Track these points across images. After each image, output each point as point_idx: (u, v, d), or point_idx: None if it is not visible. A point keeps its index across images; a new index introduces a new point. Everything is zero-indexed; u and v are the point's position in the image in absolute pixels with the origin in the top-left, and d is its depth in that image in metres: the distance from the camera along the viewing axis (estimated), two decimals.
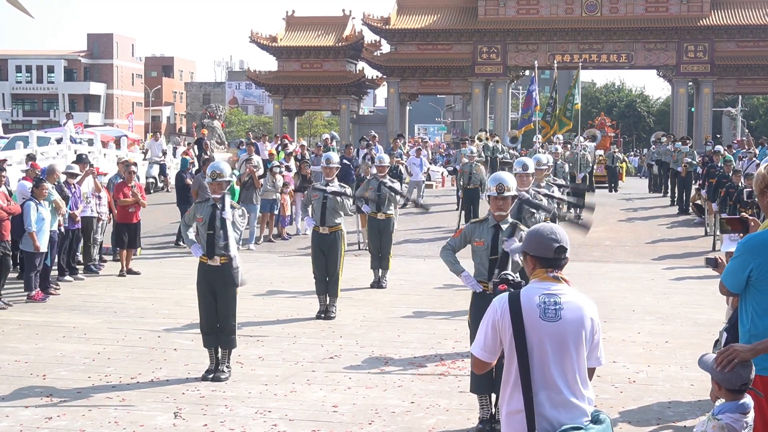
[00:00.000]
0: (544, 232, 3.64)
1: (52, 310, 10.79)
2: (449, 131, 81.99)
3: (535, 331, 3.51)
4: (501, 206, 6.65)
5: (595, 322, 3.65)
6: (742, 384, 3.69)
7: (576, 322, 3.57)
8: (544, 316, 3.52)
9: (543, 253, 3.61)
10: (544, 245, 3.62)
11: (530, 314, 3.52)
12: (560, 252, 3.61)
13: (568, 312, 3.56)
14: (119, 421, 6.45)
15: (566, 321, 3.54)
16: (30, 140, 22.91)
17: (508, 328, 3.53)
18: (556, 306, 3.54)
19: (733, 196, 14.56)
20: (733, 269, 4.28)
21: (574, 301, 3.60)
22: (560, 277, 3.62)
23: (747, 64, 41.22)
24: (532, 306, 3.54)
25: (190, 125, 53.28)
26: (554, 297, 3.56)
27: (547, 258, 3.62)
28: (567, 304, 3.56)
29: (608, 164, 29.22)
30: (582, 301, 3.63)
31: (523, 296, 3.56)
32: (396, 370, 7.96)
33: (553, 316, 3.53)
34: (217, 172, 7.77)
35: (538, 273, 3.63)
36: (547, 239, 3.61)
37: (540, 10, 42.95)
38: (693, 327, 9.90)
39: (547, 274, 3.62)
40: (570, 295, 3.60)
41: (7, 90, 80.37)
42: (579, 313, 3.59)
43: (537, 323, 3.52)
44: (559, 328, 3.53)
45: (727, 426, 3.64)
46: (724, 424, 3.65)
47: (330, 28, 45.83)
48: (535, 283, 3.63)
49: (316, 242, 10.59)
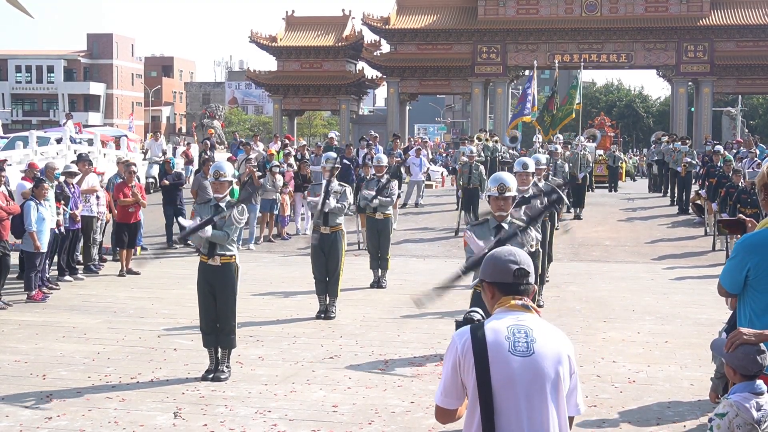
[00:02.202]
0: (500, 254, 3.17)
1: (52, 310, 10.79)
2: (449, 131, 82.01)
3: (502, 369, 2.95)
4: (502, 206, 6.64)
5: (572, 361, 3.08)
6: (757, 370, 3.77)
7: (552, 357, 3.01)
8: (514, 349, 2.97)
9: (501, 278, 3.12)
10: (501, 269, 3.13)
11: (497, 348, 2.97)
12: (521, 276, 3.11)
13: (541, 346, 3.00)
14: (119, 421, 6.45)
15: (540, 356, 2.98)
16: (30, 140, 22.91)
17: (470, 366, 2.97)
18: (527, 338, 3.00)
19: (733, 196, 14.56)
20: (731, 269, 4.28)
21: (547, 334, 3.06)
22: (530, 306, 3.11)
23: (747, 64, 41.20)
24: (499, 338, 2.99)
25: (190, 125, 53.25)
26: (524, 328, 3.02)
27: (506, 283, 3.12)
28: (540, 337, 3.02)
29: (609, 164, 29.23)
30: (557, 335, 3.09)
31: (487, 328, 3.02)
32: (396, 370, 7.96)
33: (525, 349, 2.98)
34: (220, 172, 7.78)
35: (503, 301, 3.12)
36: (503, 262, 3.13)
37: (540, 10, 42.93)
38: (693, 327, 9.90)
39: (515, 302, 3.10)
40: (542, 327, 3.07)
41: (7, 90, 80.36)
42: (555, 347, 3.04)
43: (505, 358, 2.96)
44: (532, 364, 2.97)
45: (736, 403, 3.71)
46: (733, 402, 3.74)
47: (330, 28, 45.81)
48: (501, 313, 3.10)
49: (316, 242, 10.58)
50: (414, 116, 65.62)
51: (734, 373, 3.83)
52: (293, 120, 47.74)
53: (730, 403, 3.73)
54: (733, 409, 3.71)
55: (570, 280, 13.22)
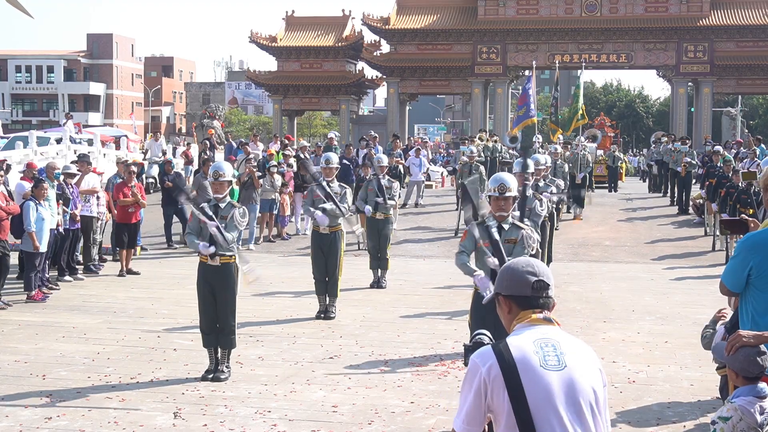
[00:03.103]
0: (517, 266, 2.94)
1: (52, 310, 10.79)
2: (449, 131, 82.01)
3: (537, 386, 2.71)
4: (502, 206, 6.64)
5: (603, 374, 2.88)
6: (759, 372, 3.77)
7: (585, 370, 2.79)
8: (546, 363, 2.74)
9: (518, 290, 2.89)
10: (519, 281, 2.90)
11: (527, 364, 2.73)
12: (540, 288, 2.88)
13: (572, 359, 2.78)
14: (119, 421, 6.45)
15: (573, 369, 2.76)
16: (30, 140, 22.93)
17: (500, 389, 2.72)
18: (557, 352, 2.77)
19: (733, 196, 14.55)
20: (733, 268, 4.28)
21: (576, 347, 2.85)
22: (553, 320, 2.88)
23: (747, 64, 41.19)
24: (527, 354, 2.74)
25: (190, 125, 53.25)
26: (551, 341, 2.80)
27: (525, 297, 2.88)
28: (569, 351, 2.80)
29: (609, 164, 29.23)
30: (584, 348, 2.88)
31: (512, 345, 2.77)
32: (396, 370, 7.96)
33: (557, 363, 2.75)
34: (220, 172, 7.78)
35: (523, 315, 2.88)
36: (521, 273, 2.90)
37: (540, 10, 42.93)
38: (693, 327, 9.89)
39: (536, 315, 2.86)
40: (569, 340, 2.86)
41: (7, 90, 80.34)
42: (585, 360, 2.83)
43: (538, 374, 2.72)
44: (567, 378, 2.74)
45: (741, 408, 3.71)
46: (738, 406, 3.73)
47: (330, 28, 45.80)
48: (521, 328, 2.86)
49: (316, 242, 10.59)
50: (414, 116, 65.61)
51: (736, 376, 3.82)
52: (293, 120, 47.73)
53: (735, 407, 3.73)
54: (737, 413, 3.70)
55: (570, 281, 13.22)
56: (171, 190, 11.99)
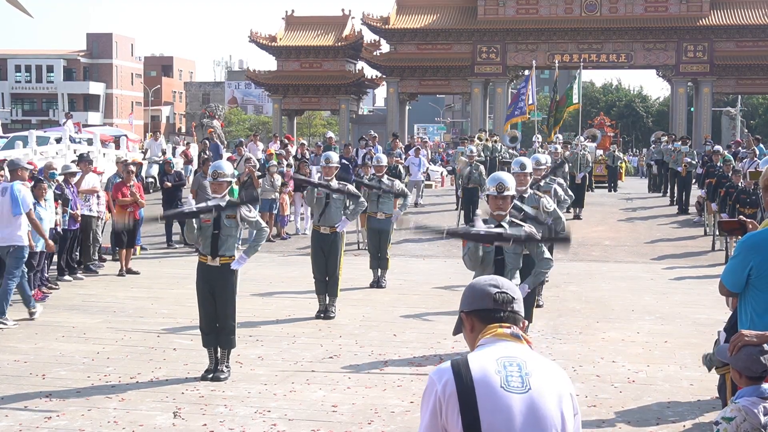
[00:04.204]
0: (479, 281, 2.74)
1: (52, 309, 10.78)
2: (449, 131, 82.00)
3: (495, 410, 2.45)
4: (500, 206, 6.64)
5: (574, 400, 2.60)
6: (762, 371, 3.77)
7: (552, 395, 2.52)
8: (507, 385, 2.47)
9: (480, 304, 2.66)
10: (480, 294, 2.67)
11: (486, 385, 2.46)
12: (504, 302, 2.64)
13: (539, 381, 2.51)
14: (119, 421, 6.45)
15: (538, 393, 2.49)
16: (29, 140, 22.91)
17: (455, 412, 2.48)
18: (521, 372, 2.50)
19: (733, 196, 14.56)
20: (733, 268, 4.29)
21: (544, 368, 2.56)
22: (521, 336, 2.62)
23: (746, 64, 41.22)
24: (488, 373, 2.48)
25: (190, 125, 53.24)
26: (516, 360, 2.52)
27: (486, 309, 2.64)
28: (536, 372, 2.52)
29: (609, 164, 29.23)
30: (555, 370, 2.59)
31: (472, 362, 2.51)
32: (395, 370, 7.96)
33: (519, 385, 2.48)
34: (219, 172, 7.77)
35: (487, 330, 2.62)
36: (481, 286, 2.68)
37: (539, 9, 42.95)
38: (692, 327, 9.90)
39: (503, 330, 2.60)
40: (537, 360, 2.57)
41: (7, 89, 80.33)
42: (554, 384, 2.54)
43: (497, 397, 2.46)
44: (531, 402, 2.47)
45: (744, 408, 3.71)
46: (741, 406, 3.73)
47: (329, 28, 45.82)
48: (485, 343, 2.60)
49: (316, 242, 10.59)
50: (414, 116, 65.61)
51: (740, 376, 3.82)
52: (293, 120, 47.75)
53: (738, 408, 3.72)
54: (741, 414, 3.70)
55: (570, 280, 13.22)
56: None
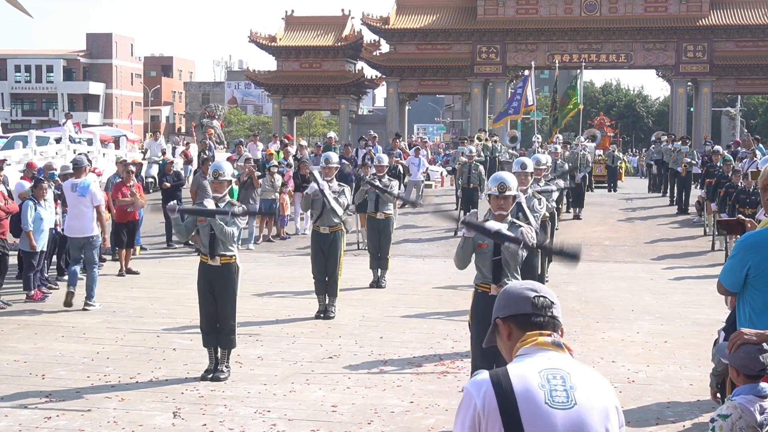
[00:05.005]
0: (514, 285, 2.62)
1: (51, 309, 10.78)
2: (448, 131, 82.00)
3: (539, 429, 2.34)
4: (502, 206, 6.62)
5: (620, 413, 2.48)
6: (760, 370, 3.76)
7: (598, 409, 2.40)
8: (552, 401, 2.36)
9: (517, 308, 2.54)
10: (517, 298, 2.56)
11: (529, 400, 2.36)
12: (543, 306, 2.53)
13: (584, 395, 2.39)
14: (118, 421, 6.45)
15: (584, 408, 2.38)
16: (29, 140, 22.90)
17: (495, 426, 2.35)
18: (566, 386, 2.38)
19: (732, 196, 14.57)
20: (731, 268, 4.29)
21: (589, 380, 2.44)
22: (563, 344, 2.51)
23: (746, 64, 41.22)
24: (531, 387, 2.37)
25: (189, 125, 53.24)
26: (560, 372, 2.41)
27: (525, 314, 2.53)
28: (580, 385, 2.41)
29: (608, 164, 29.24)
30: (599, 382, 2.47)
31: (513, 375, 2.40)
32: (395, 370, 7.96)
33: (564, 400, 2.36)
34: (219, 172, 7.79)
35: (527, 339, 2.50)
36: (519, 290, 2.57)
37: (539, 9, 42.94)
38: (692, 327, 9.91)
39: (543, 338, 2.49)
40: (582, 372, 2.45)
41: (6, 90, 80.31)
42: (599, 397, 2.43)
43: (541, 413, 2.35)
44: (576, 418, 2.36)
45: (740, 406, 3.71)
46: (738, 404, 3.73)
47: (329, 28, 45.81)
48: (526, 353, 2.48)
49: (316, 242, 10.58)
50: (413, 116, 65.64)
51: (737, 374, 3.82)
52: (292, 120, 47.74)
53: (734, 405, 3.72)
54: (737, 412, 3.70)
55: (569, 280, 13.22)
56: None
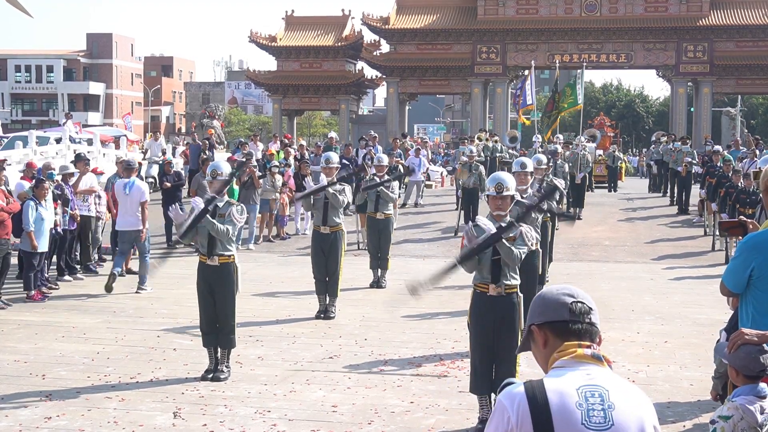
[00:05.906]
0: (550, 290, 2.51)
1: (52, 309, 10.79)
2: (448, 131, 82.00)
3: None
4: (500, 206, 6.63)
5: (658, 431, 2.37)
6: (760, 370, 3.76)
7: (635, 430, 2.29)
8: (588, 421, 2.24)
9: (554, 315, 2.42)
10: (554, 303, 2.44)
11: (565, 419, 2.24)
12: (581, 313, 2.42)
13: (622, 414, 2.28)
14: (118, 421, 6.45)
15: (621, 429, 2.27)
16: (29, 140, 22.91)
17: None
18: (604, 405, 2.27)
19: (733, 196, 14.56)
20: (735, 269, 4.28)
21: (627, 397, 2.33)
22: (603, 358, 2.41)
23: (746, 64, 41.20)
24: (568, 405, 2.26)
25: (190, 125, 53.24)
26: (598, 390, 2.29)
27: (562, 322, 2.41)
28: (619, 403, 2.29)
29: (609, 164, 29.24)
30: (638, 398, 2.36)
31: (549, 390, 2.28)
32: (395, 370, 7.96)
33: (602, 421, 2.25)
34: (218, 171, 7.81)
35: (565, 349, 2.38)
36: (555, 296, 2.46)
37: (539, 9, 42.93)
38: (692, 327, 9.91)
39: (583, 351, 2.38)
40: (620, 388, 2.34)
41: (7, 90, 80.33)
42: (638, 416, 2.31)
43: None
44: None
45: (741, 406, 3.70)
46: (738, 405, 3.72)
47: (329, 28, 45.80)
48: (564, 366, 2.36)
49: (316, 242, 10.58)
50: (413, 116, 65.62)
51: (737, 374, 3.80)
52: (293, 120, 47.74)
53: (736, 406, 3.71)
54: (738, 413, 3.69)
55: (570, 280, 13.21)
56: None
